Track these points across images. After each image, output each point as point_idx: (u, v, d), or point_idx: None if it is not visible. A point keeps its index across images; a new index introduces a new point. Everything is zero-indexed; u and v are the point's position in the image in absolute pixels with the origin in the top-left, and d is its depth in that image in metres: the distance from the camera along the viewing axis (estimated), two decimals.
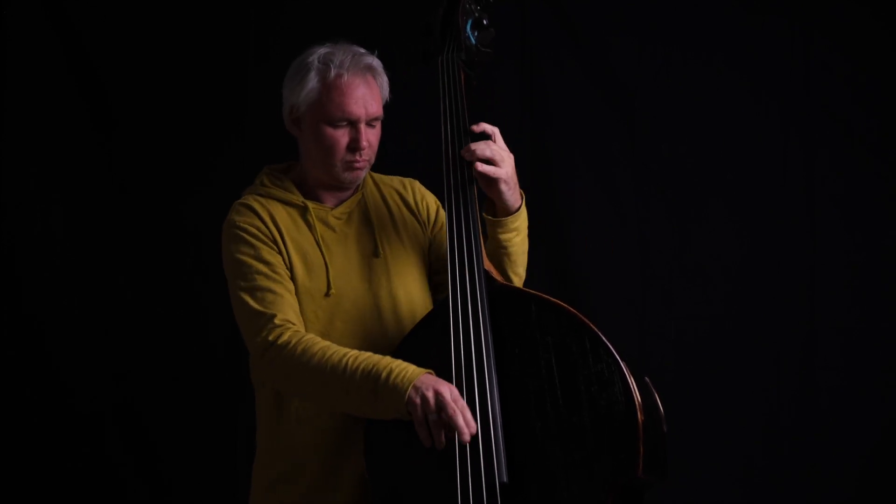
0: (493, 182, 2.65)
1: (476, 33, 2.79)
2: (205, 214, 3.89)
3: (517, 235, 2.74)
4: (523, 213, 2.74)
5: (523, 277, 2.80)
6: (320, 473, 2.69)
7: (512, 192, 2.69)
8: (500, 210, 2.71)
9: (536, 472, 2.43)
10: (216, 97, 3.99)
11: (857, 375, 3.86)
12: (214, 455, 3.96)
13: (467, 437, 2.45)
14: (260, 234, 2.68)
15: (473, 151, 2.64)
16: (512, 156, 2.68)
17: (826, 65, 3.88)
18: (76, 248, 3.98)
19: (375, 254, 2.75)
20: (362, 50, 2.73)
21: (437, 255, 2.82)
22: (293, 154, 2.89)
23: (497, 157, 2.64)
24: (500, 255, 2.73)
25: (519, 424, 2.45)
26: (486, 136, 2.69)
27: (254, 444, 2.83)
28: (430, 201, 2.89)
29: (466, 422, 2.45)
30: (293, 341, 2.57)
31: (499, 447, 2.45)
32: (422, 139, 2.90)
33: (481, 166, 2.63)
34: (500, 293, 2.55)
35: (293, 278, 2.68)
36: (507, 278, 2.76)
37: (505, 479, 2.44)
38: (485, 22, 2.79)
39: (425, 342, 2.58)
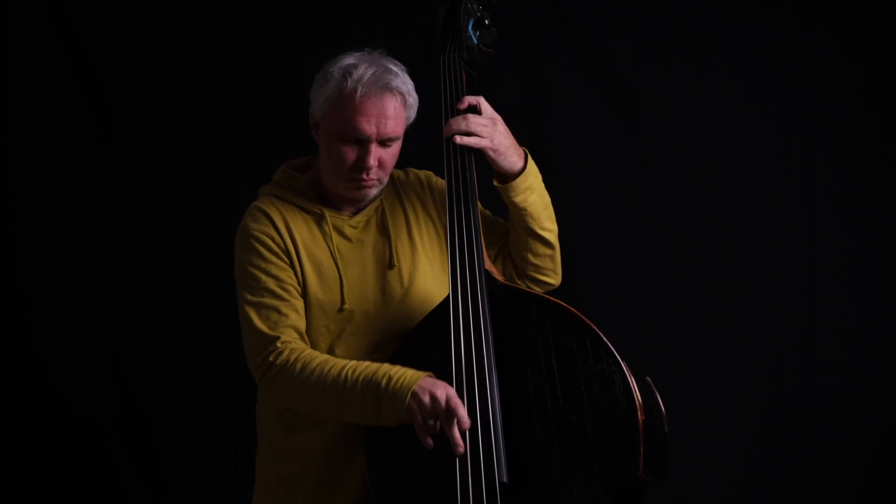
0: (482, 151, 2.63)
1: (478, 33, 2.78)
2: (205, 214, 3.92)
3: (532, 194, 2.70)
4: (531, 171, 2.70)
5: (555, 231, 2.79)
6: (324, 474, 2.69)
7: (506, 157, 2.65)
8: (505, 176, 2.68)
9: (537, 472, 2.43)
10: (216, 98, 3.98)
11: (857, 375, 3.86)
12: (214, 455, 3.96)
13: (461, 451, 2.45)
14: (273, 246, 2.65)
15: (450, 126, 2.62)
16: (498, 121, 2.65)
17: (826, 65, 3.88)
18: (76, 249, 3.98)
19: (390, 265, 2.71)
20: (392, 66, 2.65)
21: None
22: (293, 154, 2.88)
23: (475, 128, 2.61)
24: (521, 216, 2.72)
25: (519, 424, 2.45)
26: (471, 109, 2.66)
27: (254, 443, 2.83)
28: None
29: (461, 423, 2.44)
30: (291, 359, 2.56)
31: (499, 447, 2.45)
32: (423, 139, 2.89)
33: (461, 139, 2.61)
34: (500, 293, 2.55)
35: (306, 291, 2.66)
36: (538, 236, 2.74)
37: (505, 479, 2.44)
38: (487, 22, 2.79)
39: (427, 343, 2.57)
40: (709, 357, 3.91)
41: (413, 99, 2.67)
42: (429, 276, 2.74)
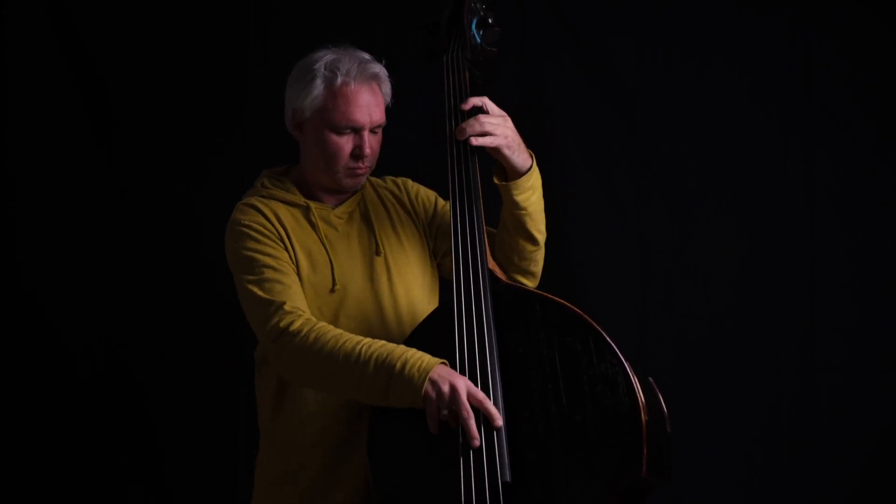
0: (494, 150, 2.68)
1: (481, 32, 2.79)
2: (205, 214, 3.90)
3: (533, 194, 2.75)
4: (535, 172, 2.75)
5: (545, 234, 2.82)
6: (322, 472, 2.70)
7: (518, 154, 2.70)
8: (512, 173, 2.72)
9: (540, 472, 2.43)
10: (216, 97, 3.98)
11: (857, 375, 3.86)
12: (214, 455, 3.96)
13: (477, 444, 2.46)
14: (265, 231, 2.69)
15: (464, 129, 2.66)
16: (507, 118, 2.69)
17: (826, 65, 3.88)
18: (76, 248, 3.97)
19: (377, 252, 2.76)
20: (367, 56, 2.74)
21: (444, 235, 2.85)
22: (293, 154, 2.89)
23: (489, 128, 2.65)
24: (520, 216, 2.75)
25: (522, 424, 2.46)
26: (477, 110, 2.69)
27: (254, 443, 2.83)
28: (425, 194, 2.91)
29: (491, 415, 2.45)
30: (305, 329, 2.57)
31: (502, 446, 2.45)
32: (427, 138, 2.89)
33: (476, 140, 2.65)
34: (504, 292, 2.55)
35: (298, 274, 2.69)
36: (531, 237, 2.78)
37: (508, 479, 2.44)
38: (490, 21, 2.80)
39: (430, 341, 2.58)
40: (709, 357, 3.91)
41: (389, 85, 2.77)
42: (414, 267, 2.80)
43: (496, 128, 2.66)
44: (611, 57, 3.96)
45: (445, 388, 2.45)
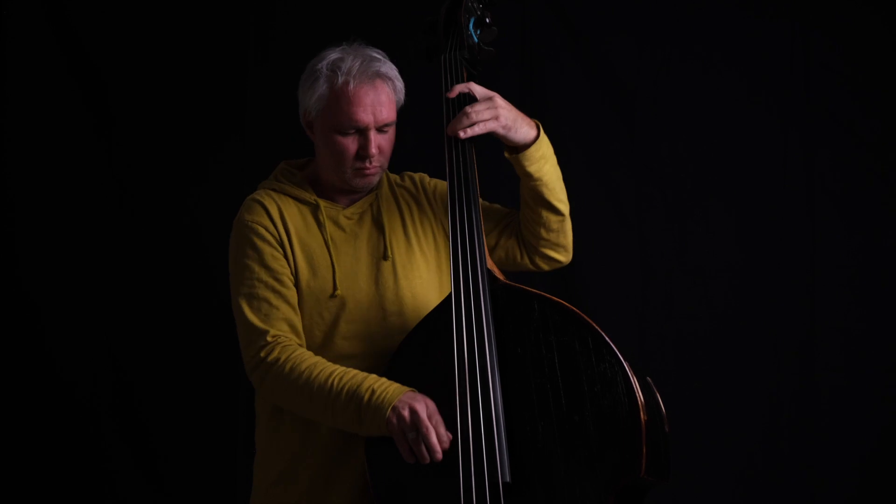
0: (492, 133, 2.65)
1: (479, 32, 2.79)
2: (204, 213, 3.92)
3: (546, 164, 2.72)
4: (544, 141, 2.72)
5: (568, 205, 2.80)
6: (320, 473, 2.70)
7: (516, 131, 2.66)
8: (520, 147, 2.69)
9: (539, 472, 2.43)
10: (216, 97, 3.98)
11: (857, 375, 3.86)
12: (214, 455, 3.96)
13: (439, 457, 2.47)
14: (267, 236, 2.68)
15: (454, 128, 2.63)
16: (494, 98, 2.65)
17: (826, 65, 3.88)
18: (76, 247, 3.98)
19: (384, 256, 2.73)
20: (375, 54, 2.70)
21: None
22: (292, 154, 2.89)
23: (474, 117, 2.62)
24: (537, 188, 2.72)
25: (522, 424, 2.45)
26: (464, 97, 2.67)
27: (254, 443, 2.83)
28: (443, 188, 2.85)
29: (439, 438, 2.47)
30: (282, 358, 2.59)
31: (501, 447, 2.45)
32: (424, 138, 2.89)
33: (464, 132, 2.62)
34: (502, 292, 2.55)
35: (297, 281, 2.68)
36: (552, 207, 2.75)
37: (508, 479, 2.44)
38: (487, 20, 2.80)
39: (428, 342, 2.58)
40: (709, 357, 3.91)
41: (400, 83, 2.72)
42: (423, 271, 2.77)
43: (481, 114, 2.62)
44: (611, 57, 3.96)
45: (406, 413, 2.47)
